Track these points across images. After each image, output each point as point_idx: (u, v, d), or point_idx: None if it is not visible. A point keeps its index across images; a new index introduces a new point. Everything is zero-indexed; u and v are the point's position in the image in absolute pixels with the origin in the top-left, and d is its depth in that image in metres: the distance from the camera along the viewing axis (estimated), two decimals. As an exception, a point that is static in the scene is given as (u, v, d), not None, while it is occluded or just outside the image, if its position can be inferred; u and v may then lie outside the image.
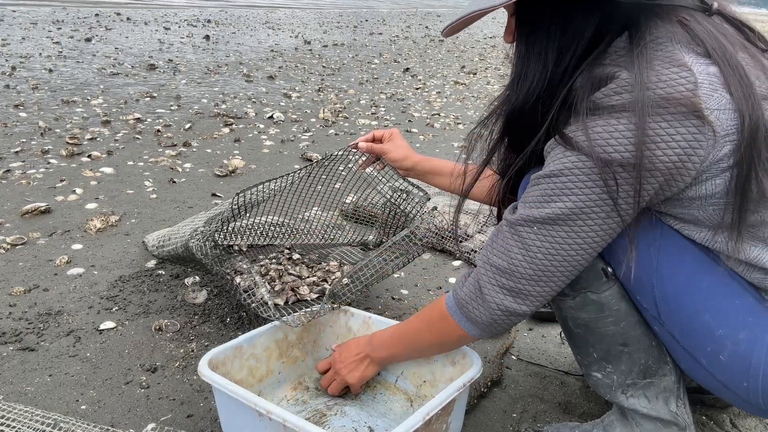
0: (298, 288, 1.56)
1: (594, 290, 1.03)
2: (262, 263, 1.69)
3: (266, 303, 1.44)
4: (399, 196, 1.62)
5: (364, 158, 1.52)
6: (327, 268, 1.71)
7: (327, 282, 1.63)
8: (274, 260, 1.73)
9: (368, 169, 1.56)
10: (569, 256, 0.94)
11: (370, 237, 1.95)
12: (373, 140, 1.50)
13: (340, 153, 1.51)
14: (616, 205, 0.88)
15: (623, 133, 0.84)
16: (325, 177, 1.63)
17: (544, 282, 0.97)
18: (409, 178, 1.53)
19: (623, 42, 0.92)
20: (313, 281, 1.62)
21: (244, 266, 1.60)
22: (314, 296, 1.56)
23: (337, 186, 1.71)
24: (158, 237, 2.00)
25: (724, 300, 0.94)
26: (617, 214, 0.90)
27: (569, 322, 1.10)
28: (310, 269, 1.70)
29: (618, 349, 1.06)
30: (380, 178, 1.55)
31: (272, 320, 1.35)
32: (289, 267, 1.68)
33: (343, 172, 1.60)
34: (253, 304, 1.42)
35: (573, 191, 0.89)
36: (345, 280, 1.44)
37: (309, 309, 1.39)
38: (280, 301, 1.50)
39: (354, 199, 1.96)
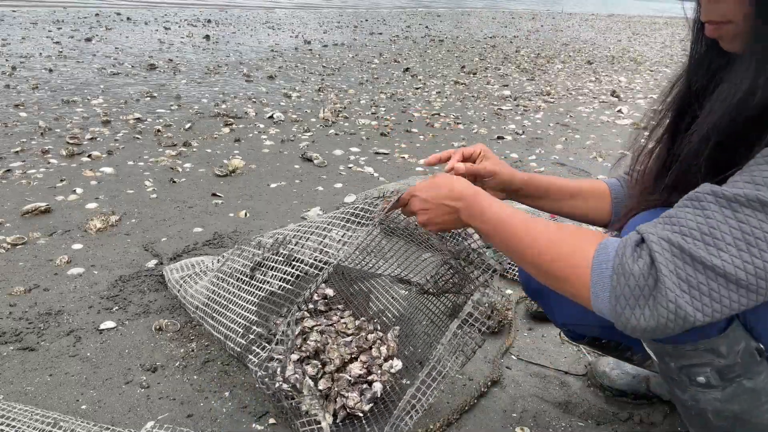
0: (346, 395, 1.33)
1: (749, 376, 0.86)
2: (305, 336, 1.47)
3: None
4: (468, 256, 1.31)
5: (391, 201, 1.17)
6: (371, 345, 1.49)
7: (373, 373, 1.41)
8: (310, 316, 1.54)
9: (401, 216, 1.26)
10: None
11: (416, 262, 1.57)
12: (463, 159, 1.21)
13: (397, 189, 1.17)
14: None
15: None
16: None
17: (747, 290, 0.73)
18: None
19: None
20: (359, 374, 1.40)
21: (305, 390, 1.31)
22: (366, 408, 1.32)
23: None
24: (185, 282, 1.76)
25: None
26: None
27: (710, 415, 0.91)
28: (351, 345, 1.46)
29: None
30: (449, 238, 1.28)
31: None
32: (328, 339, 1.46)
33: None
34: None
35: None
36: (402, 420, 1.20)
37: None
38: (329, 418, 1.28)
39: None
